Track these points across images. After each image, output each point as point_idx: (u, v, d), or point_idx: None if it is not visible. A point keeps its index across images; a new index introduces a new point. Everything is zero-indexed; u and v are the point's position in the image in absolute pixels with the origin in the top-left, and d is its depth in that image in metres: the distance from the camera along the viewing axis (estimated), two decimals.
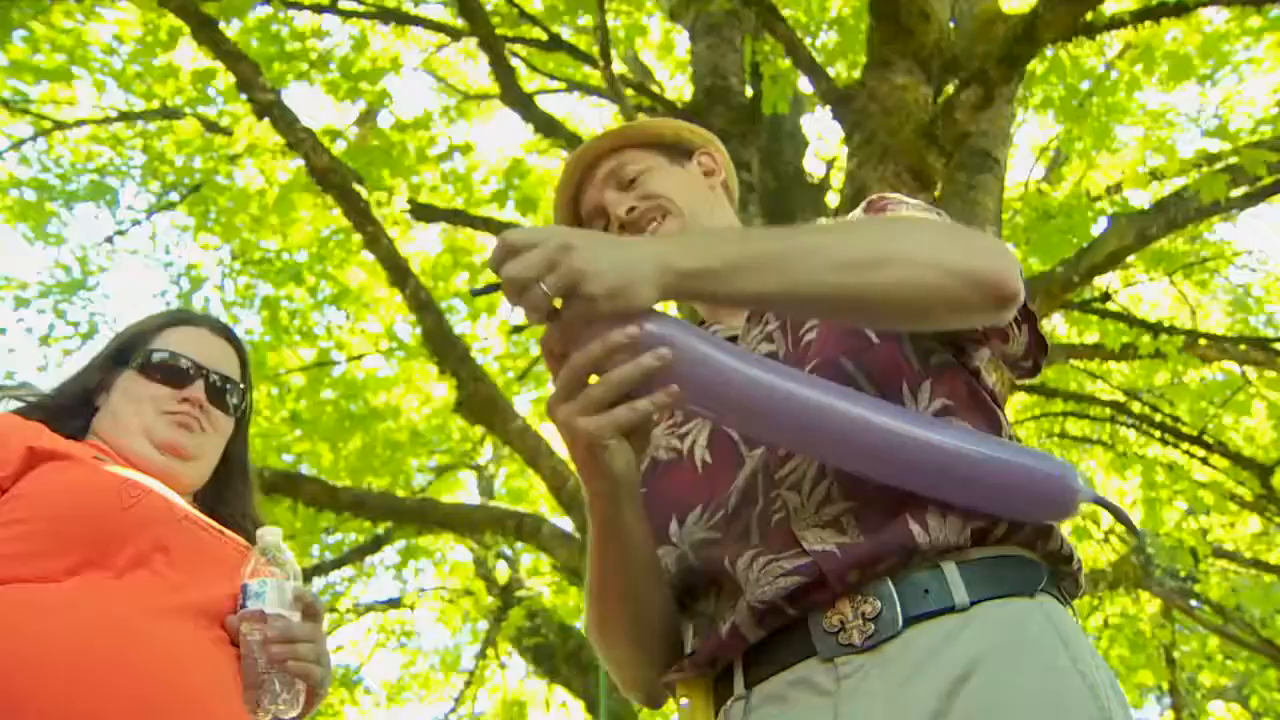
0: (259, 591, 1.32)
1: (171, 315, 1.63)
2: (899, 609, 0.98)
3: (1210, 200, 4.13)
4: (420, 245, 7.52)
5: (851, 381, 1.07)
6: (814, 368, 1.10)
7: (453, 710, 9.01)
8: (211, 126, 6.30)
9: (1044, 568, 1.05)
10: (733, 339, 1.24)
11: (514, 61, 5.79)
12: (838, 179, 5.60)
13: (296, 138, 4.78)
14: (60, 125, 6.66)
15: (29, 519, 1.29)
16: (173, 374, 1.53)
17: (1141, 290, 7.26)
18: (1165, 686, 8.14)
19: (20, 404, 1.53)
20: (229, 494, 1.60)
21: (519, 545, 7.65)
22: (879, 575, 1.00)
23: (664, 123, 1.45)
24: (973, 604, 0.98)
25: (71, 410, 1.52)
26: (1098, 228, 5.15)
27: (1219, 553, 6.91)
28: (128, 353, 1.56)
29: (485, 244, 7.20)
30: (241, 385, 1.60)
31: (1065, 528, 1.09)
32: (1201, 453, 6.21)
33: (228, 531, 1.47)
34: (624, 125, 1.43)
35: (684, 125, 1.43)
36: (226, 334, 1.63)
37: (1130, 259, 5.03)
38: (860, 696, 0.97)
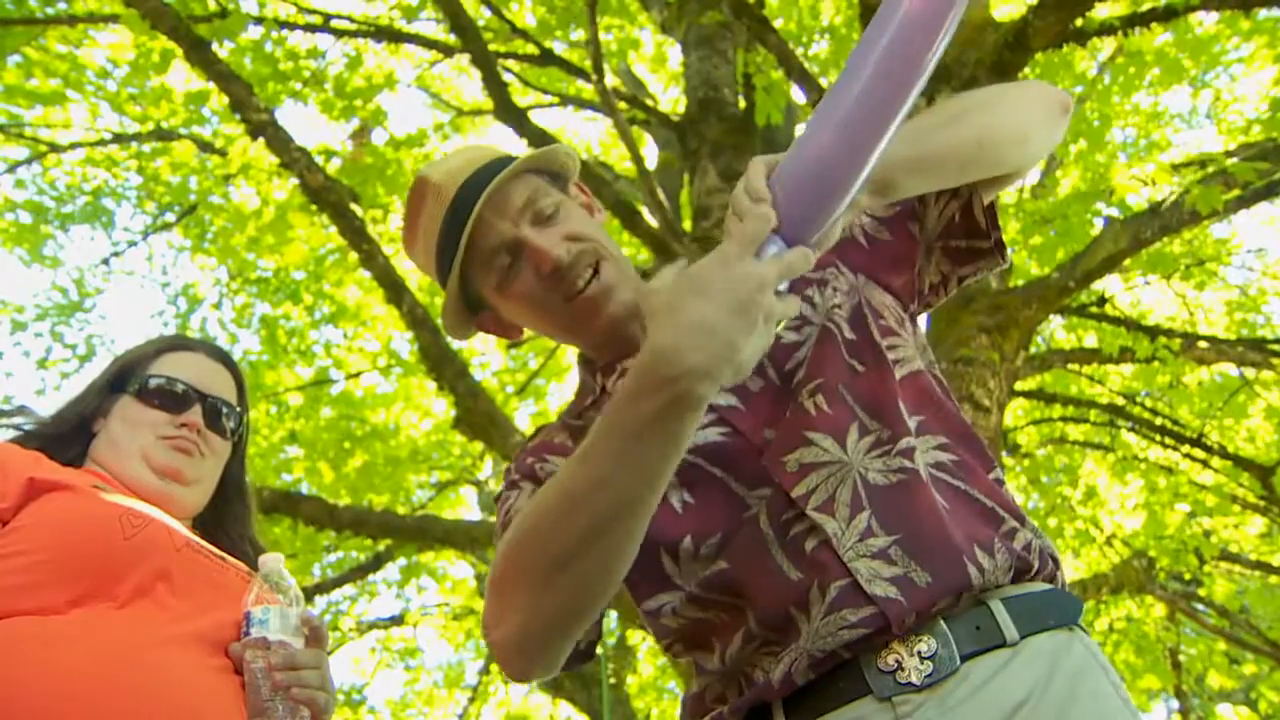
0: (262, 619, 1.31)
1: (168, 341, 1.63)
2: (955, 647, 1.00)
3: (1207, 211, 4.13)
4: None
5: (852, 411, 1.10)
6: (817, 388, 1.11)
7: None
8: (206, 147, 6.31)
9: (1079, 601, 1.09)
10: None
11: (507, 77, 5.80)
12: None
13: (291, 157, 4.78)
14: (55, 148, 6.68)
15: (30, 551, 1.28)
16: (170, 399, 1.53)
17: (1140, 293, 7.27)
18: (1171, 690, 8.13)
19: (17, 432, 1.53)
20: (228, 518, 1.61)
21: None
22: (932, 615, 1.02)
23: (556, 149, 1.27)
24: (1021, 638, 1.01)
25: (69, 437, 1.52)
26: (1092, 232, 5.15)
27: (1223, 555, 6.90)
28: (124, 379, 1.56)
29: None
30: (238, 409, 1.60)
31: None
32: (1202, 455, 6.20)
33: (229, 558, 1.47)
34: (527, 154, 1.25)
35: (563, 150, 1.27)
36: (223, 358, 1.62)
37: (1127, 261, 5.03)
38: None
